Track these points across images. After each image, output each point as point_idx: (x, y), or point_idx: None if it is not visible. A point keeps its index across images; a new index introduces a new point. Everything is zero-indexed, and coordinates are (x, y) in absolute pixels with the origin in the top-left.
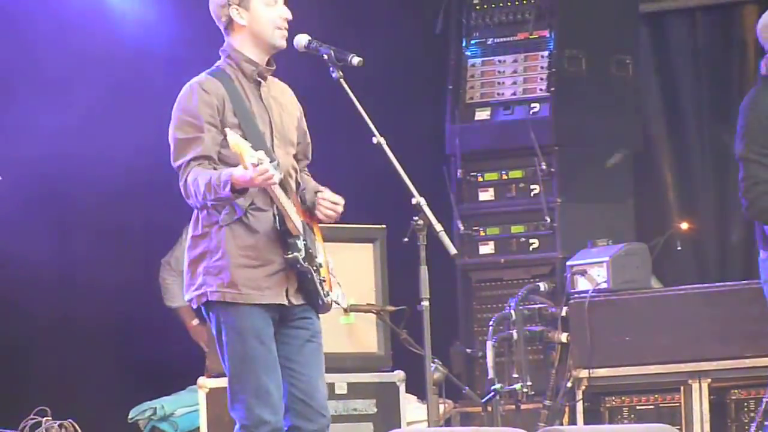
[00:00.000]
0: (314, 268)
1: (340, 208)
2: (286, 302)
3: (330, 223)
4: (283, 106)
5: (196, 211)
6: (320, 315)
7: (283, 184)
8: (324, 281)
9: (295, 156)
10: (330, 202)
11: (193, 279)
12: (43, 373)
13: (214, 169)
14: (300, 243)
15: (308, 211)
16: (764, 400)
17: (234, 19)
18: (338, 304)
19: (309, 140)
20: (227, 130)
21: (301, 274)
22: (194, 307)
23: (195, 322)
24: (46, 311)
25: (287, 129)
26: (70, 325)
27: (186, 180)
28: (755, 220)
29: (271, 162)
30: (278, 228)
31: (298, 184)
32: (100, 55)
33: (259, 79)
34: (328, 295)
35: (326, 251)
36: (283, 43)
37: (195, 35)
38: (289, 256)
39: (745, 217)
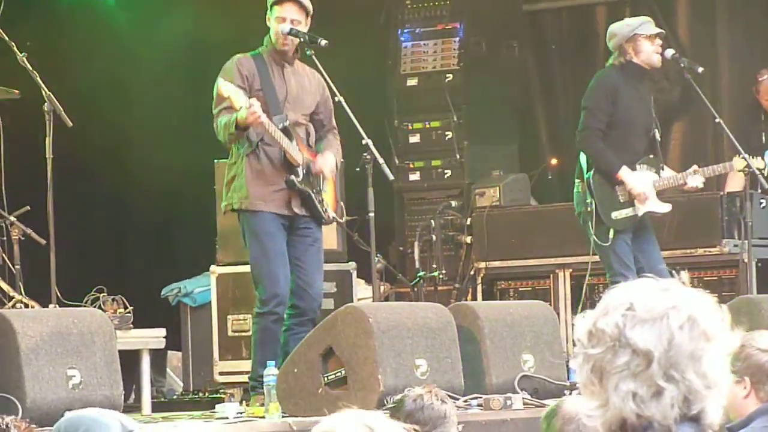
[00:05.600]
0: (315, 191)
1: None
2: (287, 212)
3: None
4: (303, 84)
5: (230, 147)
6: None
7: (288, 131)
8: (323, 201)
9: (315, 118)
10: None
11: (227, 193)
12: (101, 260)
13: None
14: (300, 170)
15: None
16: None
17: (267, 23)
18: (337, 219)
19: (330, 108)
20: (219, 79)
21: (301, 193)
22: (224, 212)
23: None
24: (105, 216)
25: (301, 99)
26: (122, 223)
27: (215, 122)
28: (581, 151)
29: (278, 115)
30: (282, 159)
31: (308, 134)
32: None
33: (282, 63)
34: (327, 211)
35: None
36: (285, 49)
37: None
38: (288, 178)
39: (577, 146)
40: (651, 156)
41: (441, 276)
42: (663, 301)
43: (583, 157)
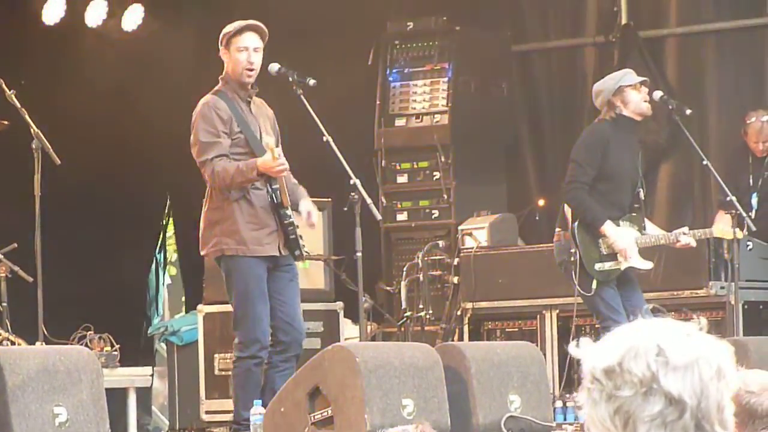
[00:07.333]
0: (296, 227)
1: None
2: (278, 253)
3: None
4: (265, 116)
5: (209, 189)
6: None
7: None
8: (301, 237)
9: None
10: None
11: (210, 238)
12: (87, 299)
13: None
14: (289, 211)
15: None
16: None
17: (222, 58)
18: (309, 253)
19: (279, 136)
20: (264, 135)
21: (288, 233)
22: (211, 258)
23: None
24: (93, 254)
25: (268, 132)
26: (109, 261)
27: (214, 169)
28: (566, 203)
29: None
30: (274, 201)
31: None
32: None
33: (248, 99)
34: (304, 247)
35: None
36: (249, 81)
37: None
38: (286, 221)
39: (563, 197)
40: (634, 213)
41: (428, 316)
42: (691, 348)
43: (567, 207)
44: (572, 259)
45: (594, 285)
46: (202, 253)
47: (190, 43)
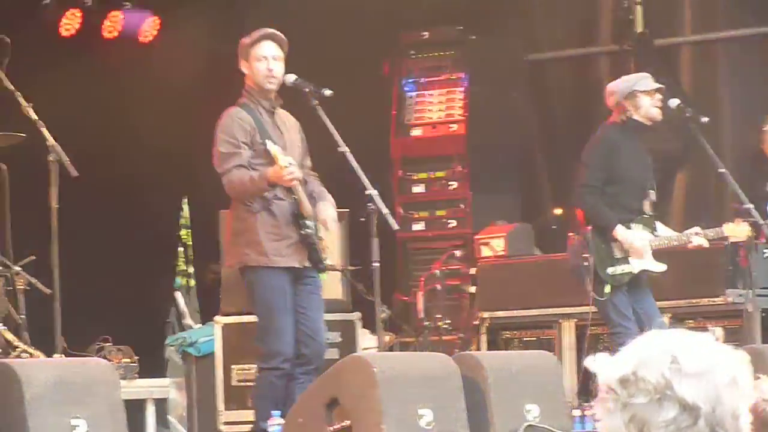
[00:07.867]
0: (319, 239)
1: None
2: (298, 265)
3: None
4: (289, 128)
5: (234, 203)
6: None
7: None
8: (324, 249)
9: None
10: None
11: (235, 250)
12: (106, 310)
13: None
14: (310, 222)
15: (313, 201)
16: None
17: (242, 70)
18: (333, 265)
19: (306, 147)
20: (267, 141)
21: (310, 245)
22: (235, 268)
23: None
24: (110, 265)
25: (293, 145)
26: (127, 272)
27: (231, 179)
28: (578, 206)
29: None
30: (295, 212)
31: (305, 182)
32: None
33: (272, 110)
34: (326, 259)
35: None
36: (271, 87)
37: None
38: (303, 232)
39: (575, 201)
40: (646, 215)
41: (445, 326)
42: (706, 356)
43: (580, 212)
44: (585, 263)
45: (607, 290)
46: (226, 264)
47: (205, 55)
